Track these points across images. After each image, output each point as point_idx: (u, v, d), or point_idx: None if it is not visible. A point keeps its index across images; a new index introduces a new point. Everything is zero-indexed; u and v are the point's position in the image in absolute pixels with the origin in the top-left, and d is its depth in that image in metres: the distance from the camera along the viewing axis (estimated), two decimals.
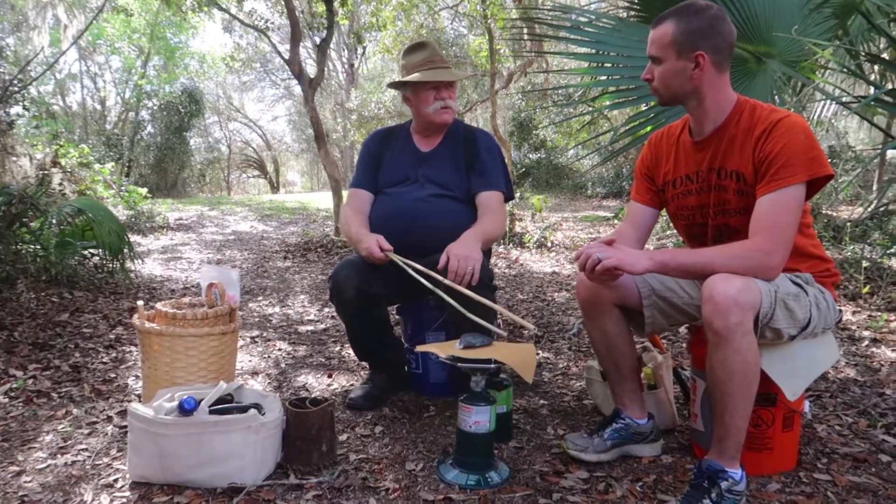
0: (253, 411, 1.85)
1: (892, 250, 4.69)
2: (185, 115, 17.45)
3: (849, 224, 5.21)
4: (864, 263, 4.14)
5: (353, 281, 2.30)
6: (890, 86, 5.59)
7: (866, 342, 3.11)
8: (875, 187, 7.00)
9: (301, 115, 26.94)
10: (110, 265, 4.52)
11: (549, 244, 6.56)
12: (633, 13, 3.80)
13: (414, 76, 2.45)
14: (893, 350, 2.99)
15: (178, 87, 18.08)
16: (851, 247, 4.80)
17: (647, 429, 2.02)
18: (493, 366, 1.83)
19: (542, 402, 2.49)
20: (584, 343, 3.29)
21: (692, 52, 1.73)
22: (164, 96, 17.64)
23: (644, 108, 3.32)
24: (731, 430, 1.62)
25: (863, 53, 3.39)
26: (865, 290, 3.90)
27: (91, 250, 4.54)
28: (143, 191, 9.13)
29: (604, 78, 3.64)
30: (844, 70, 3.07)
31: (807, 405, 1.98)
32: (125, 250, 4.45)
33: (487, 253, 2.68)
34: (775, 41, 3.11)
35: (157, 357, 2.10)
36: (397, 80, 2.56)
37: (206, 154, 22.02)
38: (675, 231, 6.37)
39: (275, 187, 26.90)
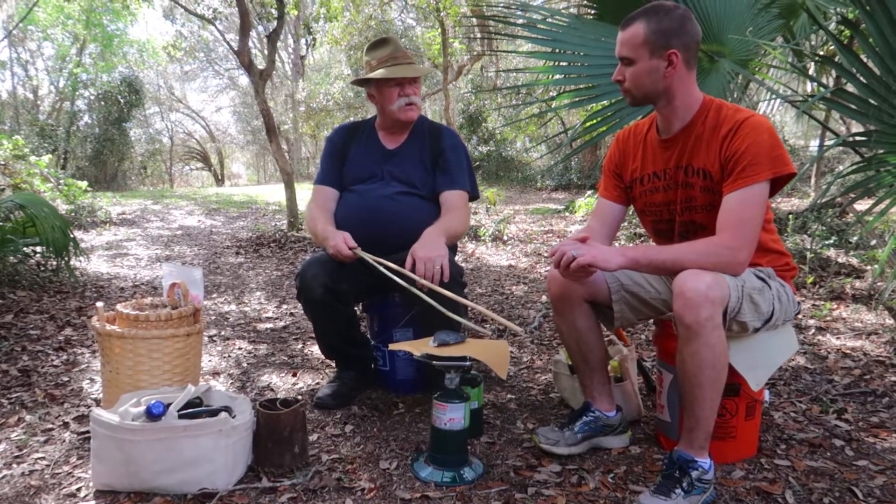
0: (224, 414, 1.81)
1: (830, 241, 4.92)
2: (125, 106, 16.84)
3: (791, 216, 5.42)
4: (809, 255, 4.32)
5: (320, 279, 2.27)
6: (824, 80, 5.84)
7: (812, 330, 3.25)
8: (812, 181, 7.32)
9: (246, 106, 26.39)
10: (54, 263, 4.33)
11: (505, 237, 6.61)
12: (587, 10, 3.85)
13: (377, 73, 2.43)
14: (837, 338, 3.14)
15: (116, 77, 17.40)
16: (793, 238, 5.00)
17: (616, 421, 2.07)
18: (468, 363, 1.84)
19: (509, 396, 2.51)
20: (545, 336, 3.33)
21: (665, 51, 1.77)
22: (101, 85, 16.96)
23: (600, 107, 3.36)
24: (700, 421, 1.67)
25: (807, 53, 3.53)
26: (810, 280, 4.08)
27: (33, 248, 4.34)
28: (83, 184, 8.75)
29: (560, 77, 3.67)
30: (795, 70, 3.18)
31: (767, 394, 2.06)
32: (70, 247, 4.27)
33: (453, 249, 2.69)
34: (726, 41, 3.21)
35: (119, 360, 2.03)
36: (361, 77, 2.54)
37: (147, 146, 21.29)
38: (625, 226, 6.51)
39: (219, 180, 26.27)
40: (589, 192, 9.55)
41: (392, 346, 2.00)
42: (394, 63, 2.43)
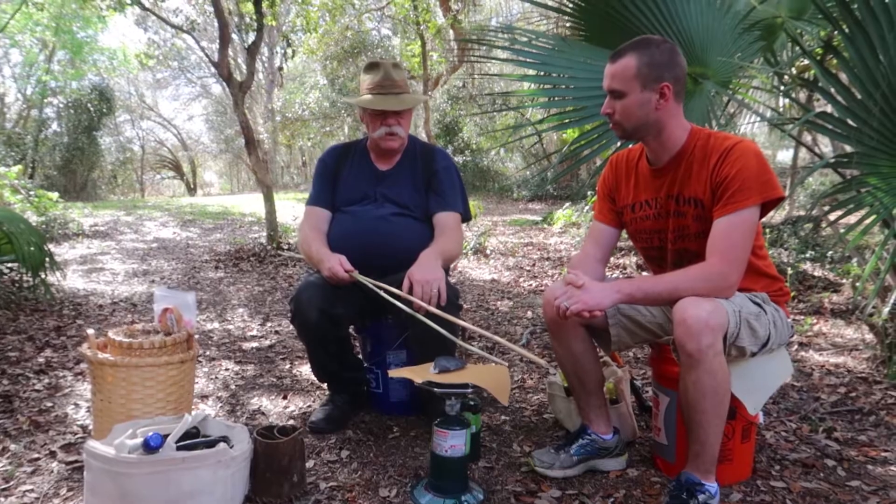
0: (222, 445, 1.78)
1: (807, 255, 5.01)
2: (95, 114, 16.51)
3: (766, 230, 5.52)
4: (789, 271, 4.40)
5: (315, 303, 2.25)
6: (798, 98, 5.97)
7: (795, 346, 3.31)
8: (786, 193, 7.47)
9: (219, 115, 26.08)
10: (30, 280, 4.23)
11: (487, 251, 6.63)
12: (573, 32, 3.88)
13: (362, 100, 2.43)
14: (820, 354, 3.20)
15: (86, 84, 17.08)
16: (769, 251, 5.09)
17: (613, 443, 2.08)
18: (470, 390, 1.83)
19: (503, 418, 2.51)
20: (534, 355, 3.34)
21: (657, 84, 1.80)
22: (71, 93, 16.64)
23: (590, 128, 3.39)
24: (706, 446, 1.69)
25: (789, 75, 3.60)
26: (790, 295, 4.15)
27: (8, 265, 4.24)
28: (54, 195, 8.57)
29: (546, 99, 3.69)
30: (782, 93, 3.24)
31: (761, 416, 2.08)
32: (46, 263, 4.17)
33: (445, 271, 2.68)
34: (710, 63, 3.27)
35: (112, 389, 1.99)
36: (353, 99, 2.54)
37: (118, 154, 20.88)
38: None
39: (192, 189, 25.92)
40: (567, 205, 9.63)
41: (392, 373, 1.99)
42: (380, 92, 2.41)
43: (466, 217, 2.55)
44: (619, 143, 3.16)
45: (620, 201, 2.07)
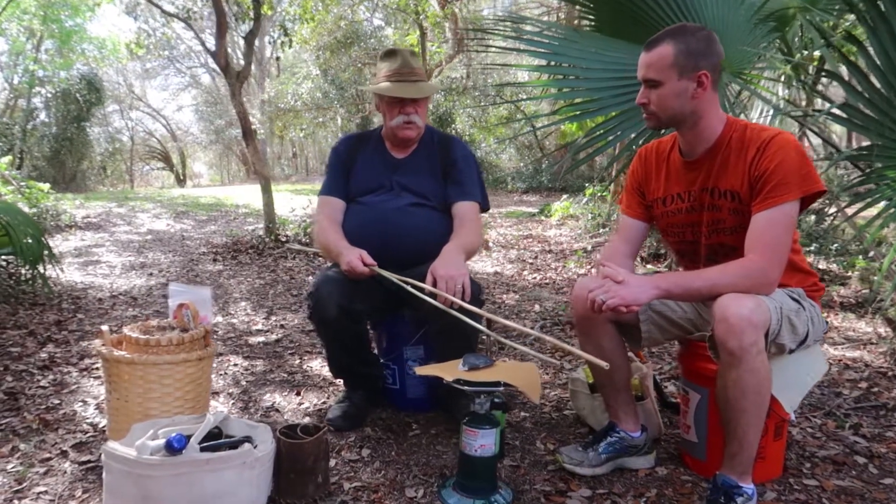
0: (247, 445, 1.72)
1: (811, 248, 4.99)
2: (84, 104, 16.27)
3: None
4: None
5: (335, 298, 2.19)
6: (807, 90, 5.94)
7: None
8: None
9: (209, 105, 25.87)
10: (29, 274, 4.14)
11: (489, 244, 6.58)
12: (585, 22, 3.82)
13: (380, 87, 2.37)
14: (836, 348, 3.18)
15: (75, 74, 16.83)
16: None
17: (641, 441, 2.04)
18: (501, 388, 1.79)
19: (523, 414, 2.47)
20: (546, 348, 3.29)
21: (695, 72, 1.75)
22: (59, 83, 16.38)
23: (600, 121, 3.34)
24: (744, 446, 1.65)
25: (802, 65, 3.56)
26: None
27: (5, 257, 4.14)
28: (46, 186, 8.44)
29: (556, 91, 3.63)
30: (802, 85, 3.20)
31: (792, 413, 2.05)
32: (44, 256, 4.08)
33: None
34: (726, 53, 3.22)
35: (128, 388, 1.92)
36: (369, 86, 2.48)
37: (107, 145, 20.60)
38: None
39: (181, 180, 25.69)
40: (565, 196, 9.59)
41: (419, 371, 1.94)
42: (398, 79, 2.35)
43: (485, 207, 2.50)
44: (632, 136, 3.12)
45: (650, 195, 2.02)
